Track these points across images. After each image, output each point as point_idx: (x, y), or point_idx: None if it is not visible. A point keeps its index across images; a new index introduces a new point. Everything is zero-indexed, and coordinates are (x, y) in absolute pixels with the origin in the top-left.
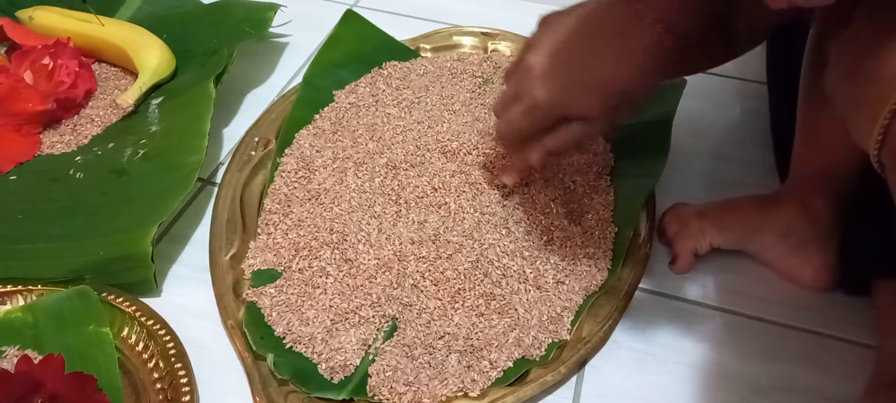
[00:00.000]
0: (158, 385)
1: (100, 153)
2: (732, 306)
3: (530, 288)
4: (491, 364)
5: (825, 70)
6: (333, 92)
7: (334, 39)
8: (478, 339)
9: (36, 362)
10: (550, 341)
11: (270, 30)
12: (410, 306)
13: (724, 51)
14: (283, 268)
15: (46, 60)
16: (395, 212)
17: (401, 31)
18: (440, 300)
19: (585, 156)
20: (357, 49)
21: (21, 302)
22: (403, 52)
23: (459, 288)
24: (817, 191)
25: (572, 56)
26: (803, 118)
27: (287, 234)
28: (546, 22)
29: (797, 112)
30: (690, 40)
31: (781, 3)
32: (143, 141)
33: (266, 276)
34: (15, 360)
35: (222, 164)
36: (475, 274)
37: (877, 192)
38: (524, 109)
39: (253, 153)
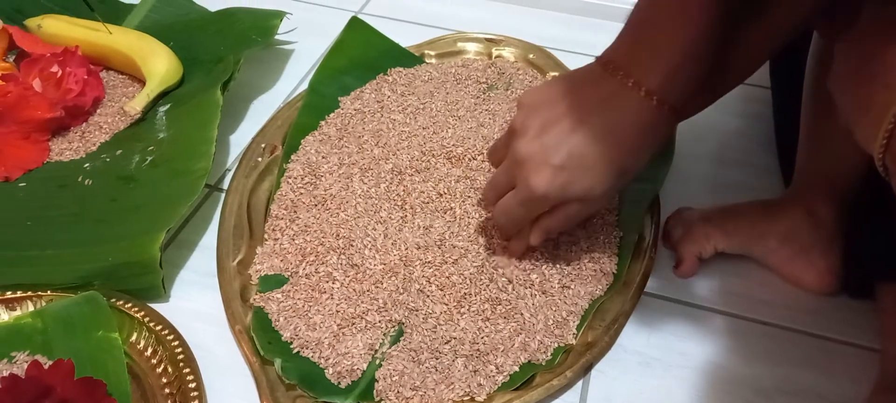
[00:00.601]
0: (167, 390)
1: (108, 160)
2: (737, 310)
3: (536, 292)
4: (497, 368)
5: (829, 73)
6: (339, 98)
7: (340, 46)
8: (484, 344)
9: (46, 367)
10: (556, 345)
11: (276, 37)
12: (416, 311)
13: (720, 87)
14: (289, 274)
15: (55, 68)
16: (401, 218)
17: (405, 38)
18: (446, 305)
19: None
20: (362, 55)
21: (31, 308)
22: (408, 58)
23: (465, 293)
24: (821, 195)
25: (564, 140)
26: (807, 122)
27: (294, 240)
28: (527, 104)
29: (801, 116)
30: (685, 105)
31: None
32: (151, 147)
33: (273, 281)
34: (25, 365)
35: (229, 170)
36: (481, 279)
37: (881, 196)
38: (520, 201)
39: (259, 159)
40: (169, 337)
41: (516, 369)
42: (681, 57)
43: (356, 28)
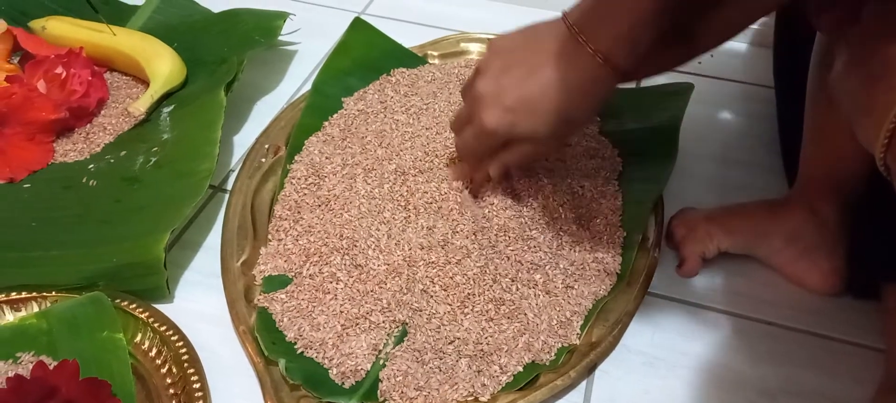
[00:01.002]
0: (171, 391)
1: (112, 161)
2: (741, 310)
3: (540, 292)
4: (501, 368)
5: (830, 73)
6: (342, 99)
7: (343, 47)
8: (488, 344)
9: (51, 368)
10: (560, 345)
11: (280, 38)
12: (420, 311)
13: (685, 53)
14: (293, 274)
15: (59, 70)
16: (405, 218)
17: (408, 39)
18: (450, 305)
19: (593, 161)
20: (365, 56)
21: (35, 309)
22: (411, 58)
23: (469, 293)
24: (825, 196)
25: (516, 82)
26: (811, 122)
27: (297, 240)
28: (493, 47)
29: (805, 116)
30: (629, 72)
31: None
32: (155, 149)
33: (277, 282)
34: (30, 366)
35: (233, 171)
36: (484, 279)
37: (885, 196)
38: (474, 133)
39: (263, 160)
40: (173, 338)
41: (520, 369)
42: (631, 23)
43: (359, 29)
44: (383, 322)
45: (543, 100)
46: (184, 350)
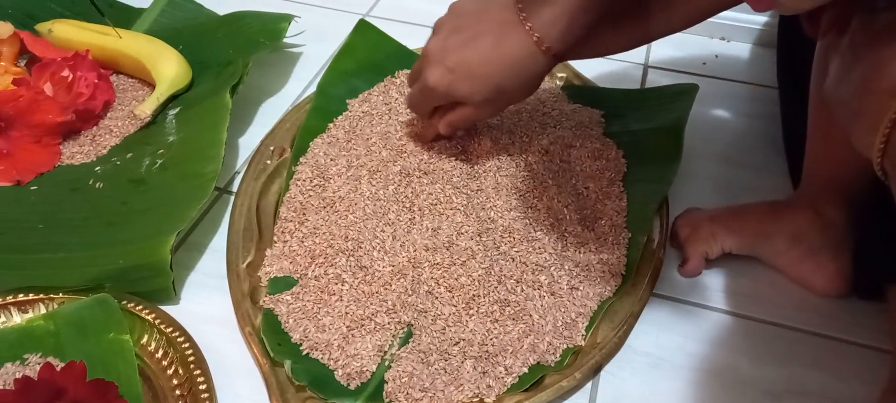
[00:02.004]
0: (178, 392)
1: (118, 163)
2: (747, 311)
3: (544, 294)
4: (506, 370)
5: (824, 81)
6: (347, 101)
7: (347, 49)
8: (493, 345)
9: (58, 369)
10: (565, 347)
11: (284, 40)
12: (425, 312)
13: (637, 36)
14: (299, 276)
15: (66, 72)
16: (409, 220)
17: (413, 40)
18: (455, 306)
19: (598, 162)
20: (370, 58)
21: (43, 311)
22: (415, 60)
23: (474, 295)
24: (829, 197)
25: (459, 45)
26: (815, 122)
27: (303, 242)
28: (451, 10)
29: (808, 117)
30: (564, 54)
31: (763, 6)
32: (161, 151)
33: (282, 284)
34: (37, 367)
35: (238, 173)
36: (489, 281)
37: (889, 197)
38: (419, 88)
39: (268, 162)
40: (179, 339)
41: (525, 370)
42: (567, 8)
43: (364, 31)
44: (388, 323)
45: (481, 66)
46: (190, 351)
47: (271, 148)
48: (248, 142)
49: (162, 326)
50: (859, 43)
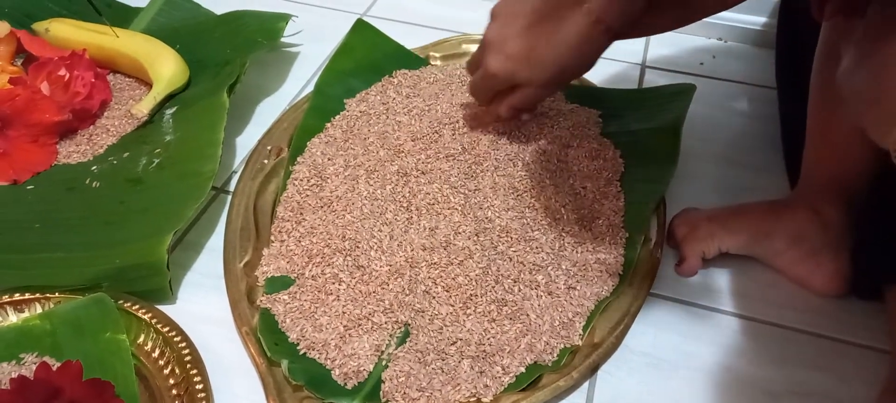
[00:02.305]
0: (174, 391)
1: (115, 162)
2: (745, 311)
3: (542, 293)
4: (503, 369)
5: (838, 68)
6: (344, 100)
7: (345, 49)
8: (490, 345)
9: (54, 369)
10: (562, 346)
11: (282, 40)
12: (423, 312)
13: (682, 15)
14: (296, 275)
15: (63, 72)
16: (407, 219)
17: (411, 40)
18: (452, 306)
19: (595, 162)
20: (367, 58)
21: (39, 310)
22: (413, 60)
23: (471, 294)
24: (828, 197)
25: (518, 32)
26: (814, 122)
27: (300, 242)
28: None
29: (808, 116)
30: (621, 33)
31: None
32: (158, 150)
33: (279, 283)
34: (33, 367)
35: (235, 173)
36: (486, 280)
37: (888, 197)
38: (481, 76)
39: (266, 161)
40: (176, 339)
41: (522, 370)
42: None
43: (361, 30)
44: (386, 323)
45: (540, 51)
46: (187, 351)
47: (269, 147)
48: (246, 142)
49: (159, 326)
50: (877, 30)
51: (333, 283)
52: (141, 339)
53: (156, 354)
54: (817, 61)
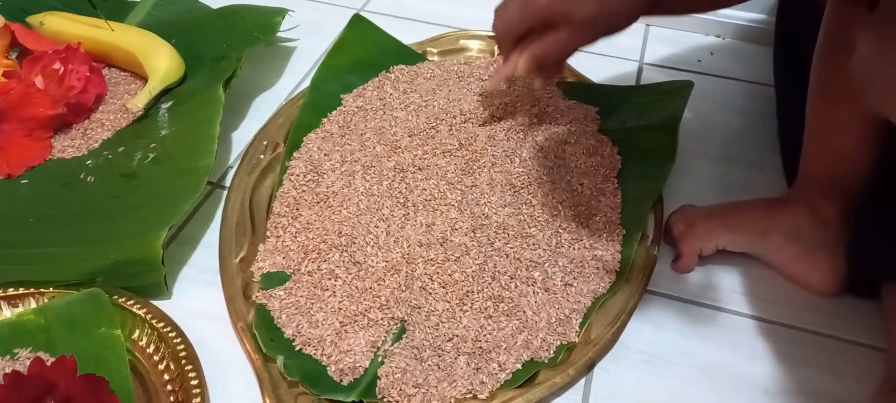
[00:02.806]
0: (169, 387)
1: (110, 157)
2: (742, 308)
3: (538, 290)
4: (500, 366)
5: (851, 57)
6: (341, 96)
7: (342, 44)
8: (486, 341)
9: (48, 364)
10: (559, 343)
11: (278, 35)
12: (419, 308)
13: None
14: (292, 271)
15: (57, 65)
16: (403, 215)
17: (408, 36)
18: (448, 302)
19: (592, 158)
20: (364, 53)
21: (33, 305)
22: (411, 55)
23: (468, 291)
24: (825, 194)
25: None
26: (811, 120)
27: (296, 237)
28: None
29: (806, 114)
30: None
31: None
32: (153, 145)
33: (275, 279)
34: (27, 362)
35: (231, 168)
36: (483, 277)
37: (886, 195)
38: (520, 3)
39: (262, 157)
40: (171, 334)
41: (519, 367)
42: None
43: (358, 26)
44: (382, 319)
45: None
46: (182, 346)
47: (265, 142)
48: (242, 137)
49: (153, 321)
50: (892, 14)
51: (329, 279)
52: (136, 335)
53: (151, 350)
54: (816, 59)
